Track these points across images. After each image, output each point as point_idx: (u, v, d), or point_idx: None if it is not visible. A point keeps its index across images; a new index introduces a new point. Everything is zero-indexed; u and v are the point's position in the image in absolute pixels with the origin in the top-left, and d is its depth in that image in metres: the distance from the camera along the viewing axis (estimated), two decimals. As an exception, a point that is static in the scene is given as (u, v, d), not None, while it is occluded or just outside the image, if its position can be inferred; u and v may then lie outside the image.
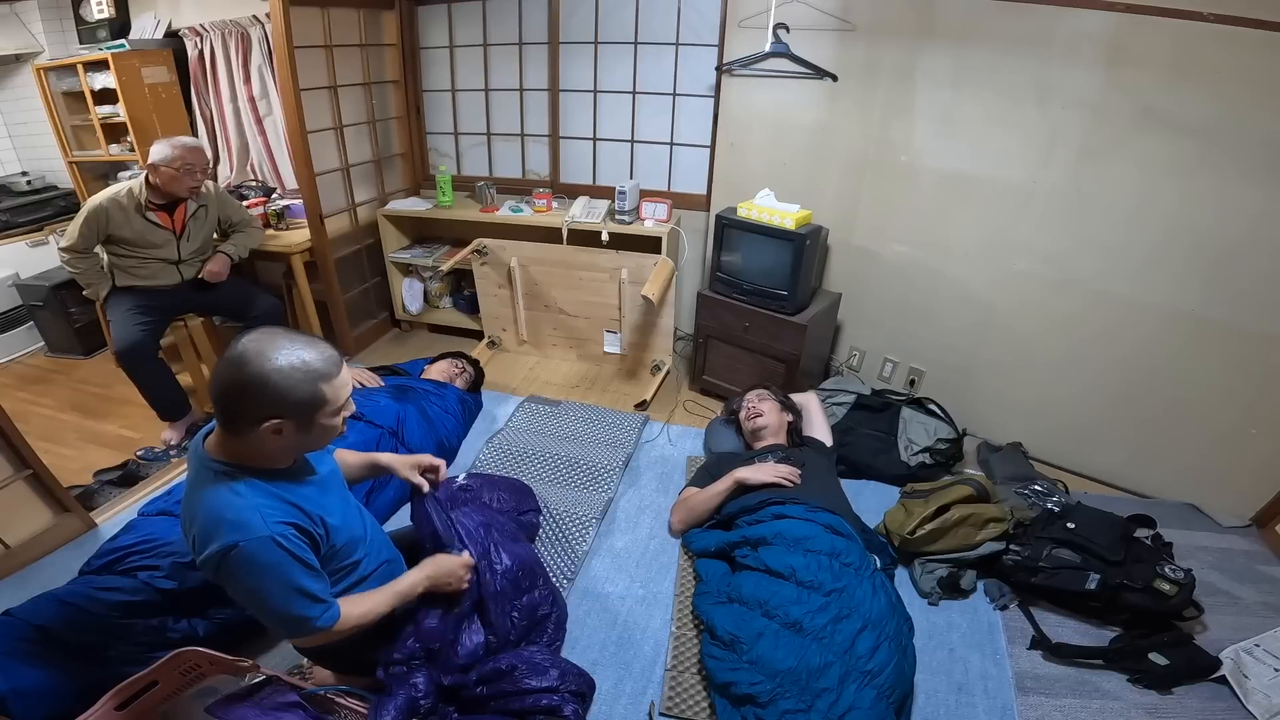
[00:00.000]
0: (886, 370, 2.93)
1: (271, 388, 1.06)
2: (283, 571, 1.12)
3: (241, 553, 1.08)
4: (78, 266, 2.47)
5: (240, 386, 1.06)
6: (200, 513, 1.11)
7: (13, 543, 1.88)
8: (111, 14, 3.43)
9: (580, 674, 1.51)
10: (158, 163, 2.40)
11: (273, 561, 1.10)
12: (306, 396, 1.10)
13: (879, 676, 1.42)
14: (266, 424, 1.08)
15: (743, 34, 2.70)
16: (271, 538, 1.10)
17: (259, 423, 1.08)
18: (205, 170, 2.54)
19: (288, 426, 1.10)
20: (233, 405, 1.09)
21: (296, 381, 1.08)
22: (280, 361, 1.07)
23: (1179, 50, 1.97)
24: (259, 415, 1.07)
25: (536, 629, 1.63)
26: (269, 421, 1.08)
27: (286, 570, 1.12)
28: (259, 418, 1.08)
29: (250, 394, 1.06)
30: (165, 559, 1.64)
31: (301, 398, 1.09)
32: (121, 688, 1.31)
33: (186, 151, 2.43)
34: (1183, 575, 1.73)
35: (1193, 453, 2.33)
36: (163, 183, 2.43)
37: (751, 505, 1.88)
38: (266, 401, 1.07)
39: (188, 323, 2.78)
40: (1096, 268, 2.29)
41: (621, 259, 2.91)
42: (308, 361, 1.10)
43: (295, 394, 1.08)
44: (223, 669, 1.40)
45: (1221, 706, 1.61)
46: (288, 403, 1.08)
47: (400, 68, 3.35)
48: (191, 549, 1.14)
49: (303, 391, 1.09)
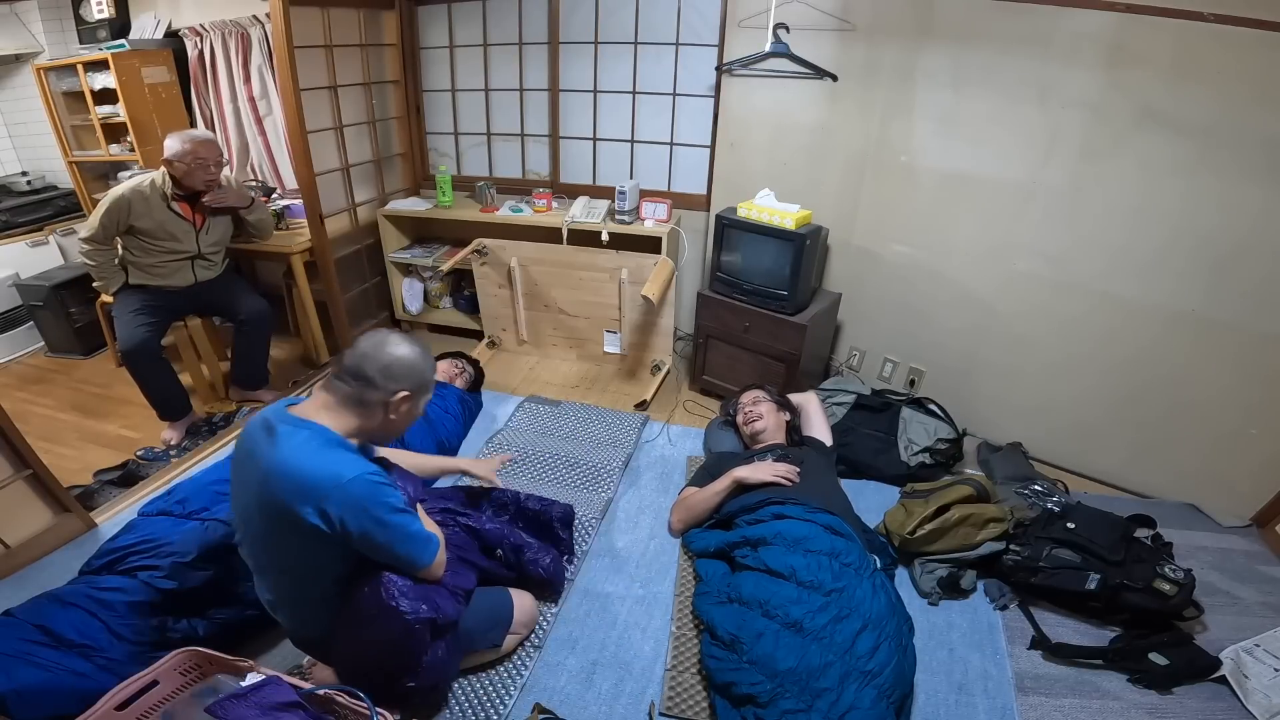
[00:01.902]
0: (886, 370, 2.93)
1: (411, 365, 1.32)
2: (395, 502, 1.28)
3: (362, 483, 1.23)
4: (96, 259, 2.47)
5: (389, 362, 1.29)
6: (309, 463, 1.21)
7: (13, 543, 1.88)
8: (111, 14, 3.43)
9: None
10: (171, 157, 2.41)
11: (386, 495, 1.27)
12: (427, 379, 1.36)
13: (879, 676, 1.41)
14: (399, 395, 1.30)
15: (743, 34, 2.70)
16: (377, 477, 1.27)
17: (394, 394, 1.29)
18: (219, 163, 2.55)
19: (411, 400, 1.32)
20: (377, 377, 1.28)
21: (426, 365, 1.35)
22: (416, 347, 1.34)
23: (1179, 50, 1.97)
24: (396, 387, 1.29)
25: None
26: (402, 393, 1.30)
27: (397, 502, 1.28)
28: (395, 390, 1.29)
29: (396, 368, 1.29)
30: (165, 559, 1.64)
31: (425, 379, 1.36)
32: (121, 688, 1.32)
33: (198, 145, 2.44)
34: (1183, 575, 1.73)
35: (1193, 453, 2.33)
36: (179, 177, 2.45)
37: (751, 505, 1.88)
38: (406, 376, 1.30)
39: (188, 323, 2.79)
40: (1097, 268, 2.29)
41: (621, 259, 2.91)
42: (427, 353, 1.37)
43: (424, 374, 1.35)
44: (223, 669, 1.40)
45: (1221, 706, 1.61)
46: (417, 380, 1.33)
47: (400, 68, 3.35)
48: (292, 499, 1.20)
49: (427, 374, 1.36)
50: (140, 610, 1.56)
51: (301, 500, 1.19)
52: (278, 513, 1.21)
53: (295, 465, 1.20)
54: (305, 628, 1.43)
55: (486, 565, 1.64)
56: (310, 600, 1.36)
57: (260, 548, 1.33)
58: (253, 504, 1.26)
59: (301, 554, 1.28)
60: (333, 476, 1.20)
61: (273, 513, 1.22)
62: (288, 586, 1.36)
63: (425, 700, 1.49)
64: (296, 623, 1.42)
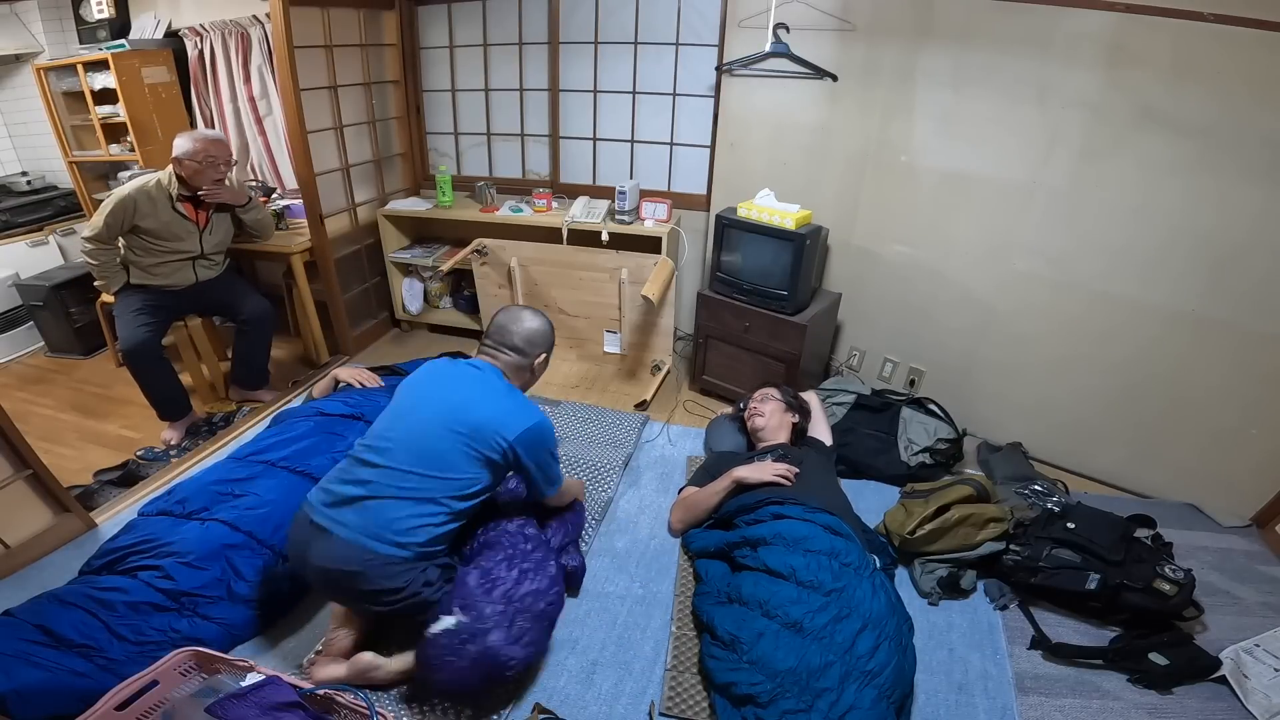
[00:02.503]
0: (886, 370, 2.93)
1: (544, 333, 1.77)
2: (555, 447, 1.70)
3: (547, 424, 1.64)
4: (98, 258, 2.47)
5: (528, 333, 1.73)
6: (508, 402, 1.62)
7: (13, 543, 1.88)
8: (111, 14, 3.43)
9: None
10: (181, 156, 2.42)
11: (553, 439, 1.68)
12: (553, 341, 1.82)
13: (879, 676, 1.41)
14: (540, 358, 1.77)
15: (743, 34, 2.70)
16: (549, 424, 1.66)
17: (537, 356, 1.75)
18: (229, 162, 2.56)
19: (546, 360, 1.80)
20: (524, 345, 1.72)
21: (551, 330, 1.81)
22: (542, 317, 1.79)
23: (1179, 50, 1.97)
24: (537, 352, 1.75)
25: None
26: (541, 356, 1.77)
27: (555, 446, 1.70)
28: (537, 354, 1.75)
29: (535, 337, 1.74)
30: (165, 559, 1.64)
31: (552, 341, 1.82)
32: (121, 688, 1.32)
33: (210, 144, 2.45)
34: (1183, 575, 1.73)
35: (1193, 453, 2.33)
36: (188, 176, 2.45)
37: (750, 505, 1.88)
38: (541, 342, 1.76)
39: (188, 323, 2.79)
40: (1097, 268, 2.29)
41: (621, 259, 2.91)
42: (549, 320, 1.81)
43: (552, 338, 1.81)
44: (223, 669, 1.40)
45: (1221, 706, 1.61)
46: (549, 343, 1.79)
47: (400, 68, 3.35)
48: (487, 444, 1.54)
49: (552, 338, 1.81)
50: (140, 610, 1.56)
51: (492, 428, 1.54)
52: (461, 429, 1.52)
53: (495, 402, 1.59)
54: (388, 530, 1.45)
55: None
56: (423, 500, 1.49)
57: (411, 450, 1.52)
58: (433, 417, 1.55)
59: (453, 464, 1.52)
60: (527, 417, 1.59)
61: (455, 428, 1.52)
62: (413, 485, 1.49)
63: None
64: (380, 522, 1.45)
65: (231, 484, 1.90)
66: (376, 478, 1.49)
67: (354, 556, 1.43)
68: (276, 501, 1.84)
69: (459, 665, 1.40)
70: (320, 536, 1.46)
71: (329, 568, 1.45)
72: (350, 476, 1.52)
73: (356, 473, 1.52)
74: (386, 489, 1.48)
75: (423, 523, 1.47)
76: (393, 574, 1.44)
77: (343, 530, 1.44)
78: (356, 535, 1.44)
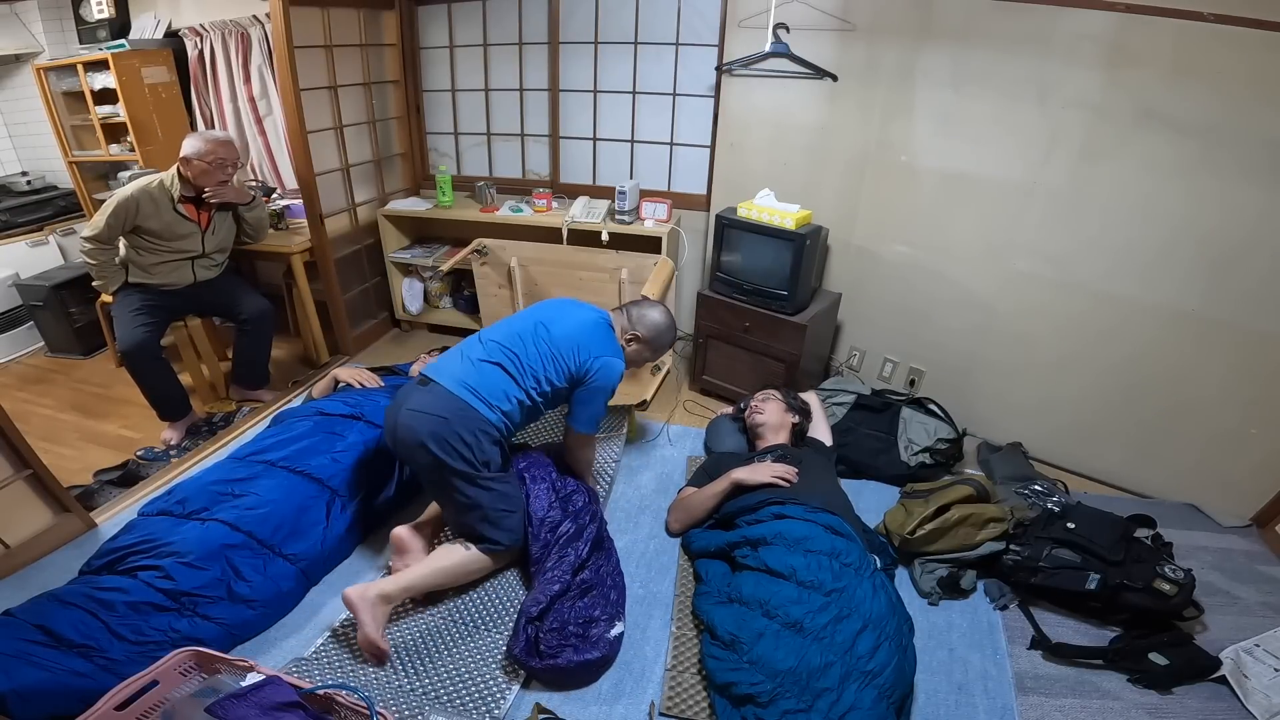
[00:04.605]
0: (886, 370, 2.93)
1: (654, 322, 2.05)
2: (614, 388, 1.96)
3: (621, 370, 1.94)
4: (97, 258, 2.47)
5: (642, 314, 2.05)
6: (602, 339, 1.93)
7: (13, 543, 1.88)
8: (111, 14, 3.43)
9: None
10: (190, 156, 2.42)
11: (617, 381, 1.95)
12: (658, 339, 2.08)
13: (879, 676, 1.42)
14: (632, 335, 2.04)
15: (743, 34, 2.70)
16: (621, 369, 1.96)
17: (634, 334, 2.03)
18: (236, 164, 2.56)
19: (639, 343, 2.05)
20: (635, 319, 2.04)
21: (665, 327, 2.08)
22: (668, 317, 2.09)
23: (1179, 50, 1.97)
24: (635, 331, 2.03)
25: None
26: (633, 334, 2.04)
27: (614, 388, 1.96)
28: (634, 332, 2.03)
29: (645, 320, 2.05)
30: (165, 559, 1.64)
31: (658, 336, 2.07)
32: (121, 688, 1.32)
33: (218, 145, 2.46)
34: (1183, 575, 1.73)
35: (1193, 452, 2.33)
36: (194, 176, 2.45)
37: (751, 505, 1.88)
38: (645, 326, 2.04)
39: (187, 323, 2.79)
40: (1097, 268, 2.29)
41: (621, 259, 2.91)
42: (672, 327, 2.13)
43: (658, 331, 2.06)
44: (223, 669, 1.40)
45: (1221, 706, 1.61)
46: (649, 331, 2.04)
47: (400, 68, 3.35)
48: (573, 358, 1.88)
49: (662, 335, 2.08)
50: (140, 610, 1.56)
51: (585, 349, 1.88)
52: (559, 338, 1.88)
53: (596, 333, 1.92)
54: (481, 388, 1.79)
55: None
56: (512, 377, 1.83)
57: (516, 344, 1.87)
58: (540, 323, 1.92)
59: (541, 363, 1.85)
60: (613, 355, 1.92)
61: (553, 336, 1.88)
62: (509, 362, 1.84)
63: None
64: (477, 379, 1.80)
65: (231, 484, 1.90)
66: (484, 353, 1.86)
67: (447, 406, 1.73)
68: (276, 501, 1.84)
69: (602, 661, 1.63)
70: (421, 389, 1.79)
71: (421, 411, 1.73)
72: (467, 352, 1.89)
73: (470, 351, 1.88)
74: (492, 357, 1.85)
75: (507, 395, 1.81)
76: (471, 427, 1.73)
77: (448, 380, 1.78)
78: (458, 386, 1.77)
